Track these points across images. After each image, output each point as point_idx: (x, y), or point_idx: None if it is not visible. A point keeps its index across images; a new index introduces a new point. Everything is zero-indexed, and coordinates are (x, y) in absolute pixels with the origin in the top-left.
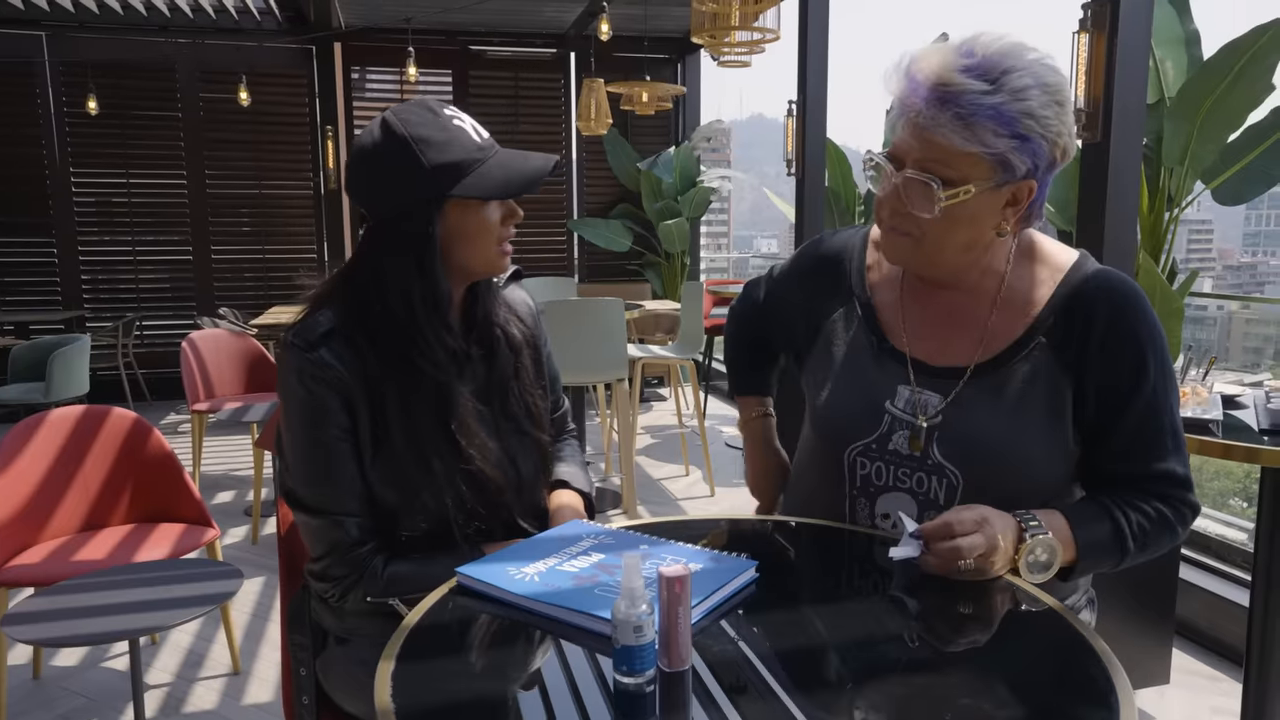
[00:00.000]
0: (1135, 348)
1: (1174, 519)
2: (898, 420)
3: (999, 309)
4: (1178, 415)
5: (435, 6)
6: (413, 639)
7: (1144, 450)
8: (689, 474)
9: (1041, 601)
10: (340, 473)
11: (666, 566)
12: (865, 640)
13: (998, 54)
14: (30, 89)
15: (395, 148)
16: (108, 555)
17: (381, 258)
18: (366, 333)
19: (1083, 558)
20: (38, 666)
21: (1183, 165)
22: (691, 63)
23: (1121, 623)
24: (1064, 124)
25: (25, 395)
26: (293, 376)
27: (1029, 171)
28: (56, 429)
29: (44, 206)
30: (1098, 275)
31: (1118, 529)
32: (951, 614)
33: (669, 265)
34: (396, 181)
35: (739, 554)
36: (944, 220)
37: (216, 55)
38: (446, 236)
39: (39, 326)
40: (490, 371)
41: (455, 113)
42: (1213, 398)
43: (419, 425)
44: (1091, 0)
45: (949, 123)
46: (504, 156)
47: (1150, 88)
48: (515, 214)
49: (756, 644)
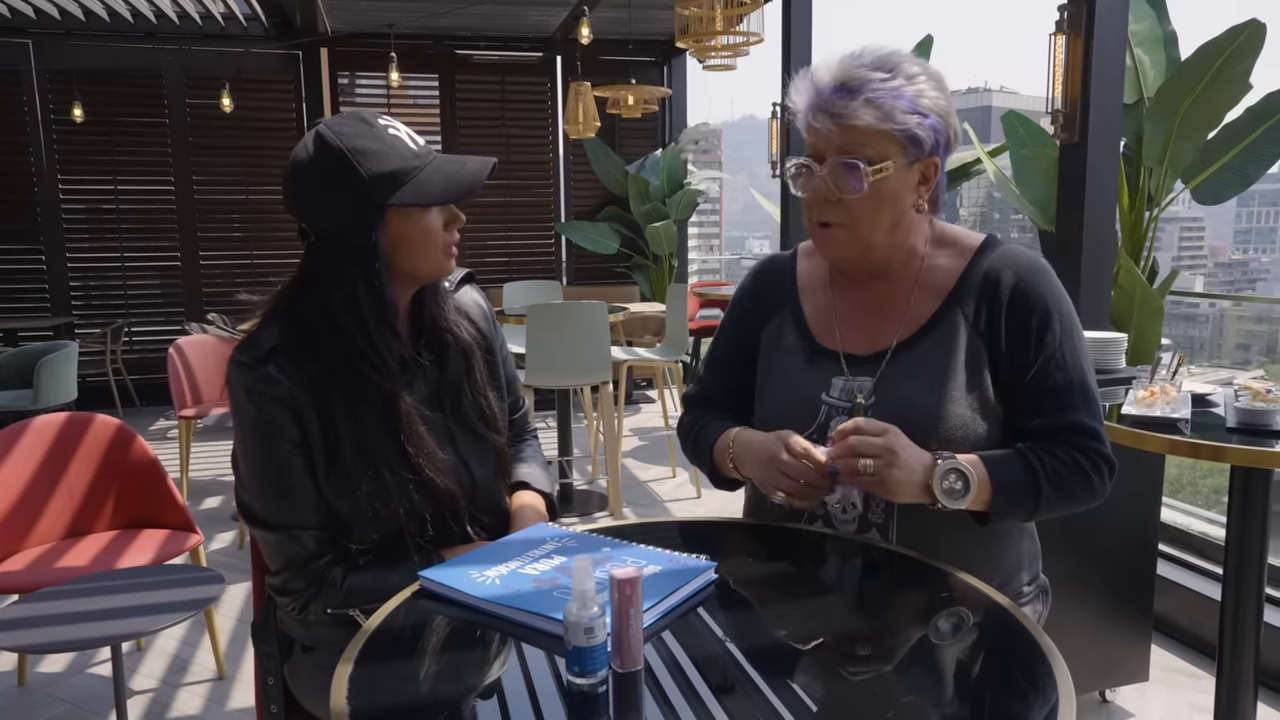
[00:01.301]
0: (1041, 309)
1: (1088, 467)
2: (834, 408)
3: (918, 291)
4: (1088, 374)
5: (421, 11)
6: (373, 642)
7: (1053, 404)
8: (675, 476)
9: (989, 597)
10: (294, 486)
11: (618, 569)
12: (815, 639)
13: (885, 54)
14: (17, 96)
15: (332, 160)
16: (91, 562)
17: (325, 272)
18: (313, 347)
19: (998, 492)
20: (23, 673)
21: (1162, 165)
22: (678, 65)
23: (1099, 619)
24: (951, 107)
25: (12, 402)
26: (242, 393)
27: (934, 147)
28: (40, 436)
29: (31, 213)
30: (1005, 250)
31: (1030, 467)
32: (902, 611)
33: (657, 267)
34: (336, 194)
35: (699, 556)
36: (871, 200)
37: (203, 61)
38: (390, 245)
39: (27, 334)
40: (441, 376)
41: (390, 122)
42: (1182, 396)
43: (367, 436)
44: (1068, 2)
45: (862, 106)
46: (441, 162)
47: (1130, 88)
48: (458, 218)
49: (711, 645)
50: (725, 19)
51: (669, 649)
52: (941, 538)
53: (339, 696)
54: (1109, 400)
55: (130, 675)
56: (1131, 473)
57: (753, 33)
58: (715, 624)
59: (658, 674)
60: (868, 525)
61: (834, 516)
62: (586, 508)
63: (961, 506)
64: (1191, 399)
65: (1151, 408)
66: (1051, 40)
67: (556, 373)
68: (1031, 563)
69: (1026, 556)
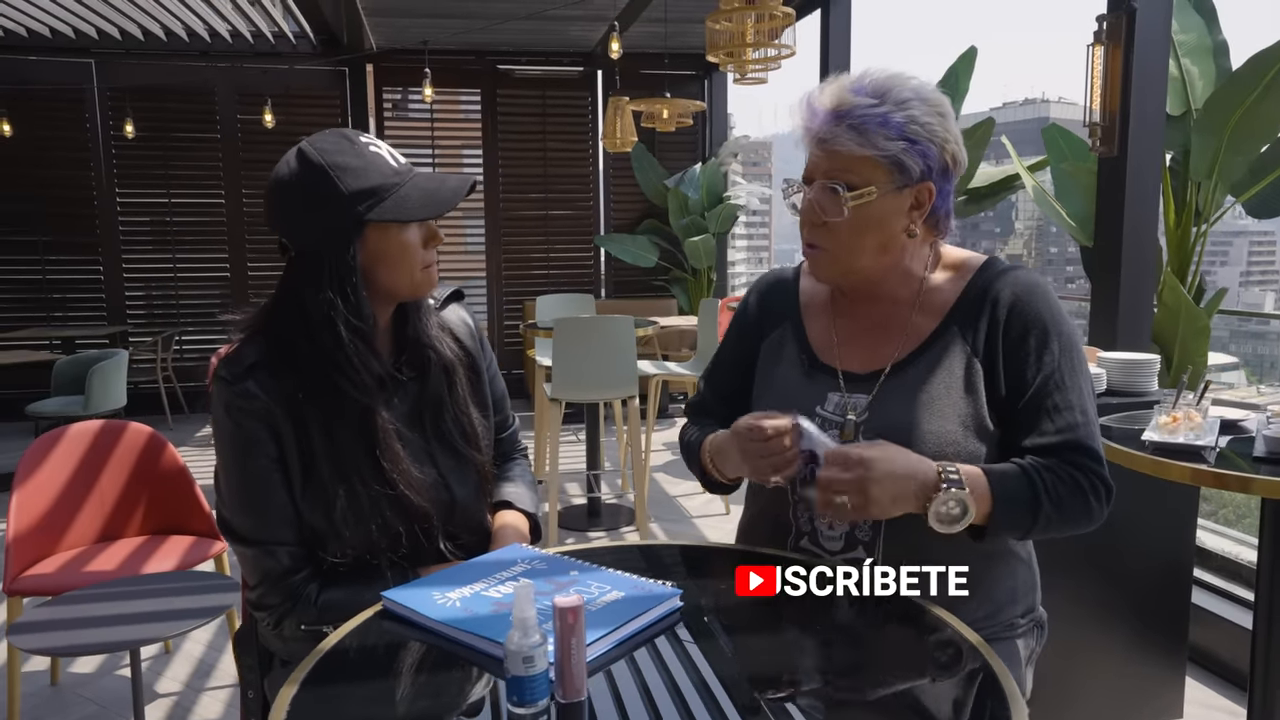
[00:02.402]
0: (1039, 328)
1: (1086, 486)
2: (827, 422)
3: (918, 311)
4: (1088, 396)
5: (463, 28)
6: (323, 664)
7: (1053, 423)
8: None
9: (962, 636)
10: (270, 502)
11: (562, 597)
12: (776, 676)
13: (883, 79)
14: (79, 114)
15: (313, 176)
16: (118, 566)
17: (304, 287)
18: (292, 362)
19: (998, 510)
20: (55, 673)
21: (1211, 178)
22: (718, 78)
23: (1129, 651)
24: (949, 132)
25: (65, 408)
26: (221, 409)
27: (924, 173)
28: (76, 443)
29: (91, 225)
30: (1005, 271)
31: (1031, 484)
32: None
33: (696, 281)
34: (315, 209)
35: (666, 583)
36: (854, 224)
37: (254, 78)
38: (368, 261)
39: (84, 341)
40: (422, 393)
41: (371, 139)
42: (1209, 422)
43: (343, 451)
44: (1106, 13)
45: (845, 133)
46: (421, 179)
47: (1177, 99)
48: (436, 236)
49: (665, 676)
50: (757, 33)
51: (617, 680)
52: (931, 560)
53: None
54: (1138, 424)
55: (155, 679)
56: (1162, 496)
57: (784, 45)
58: (674, 655)
59: (600, 707)
60: (855, 543)
61: (820, 533)
62: (615, 522)
63: (953, 531)
64: (1221, 425)
65: (1174, 434)
66: (1090, 51)
67: (583, 386)
68: (1027, 594)
69: (1022, 587)
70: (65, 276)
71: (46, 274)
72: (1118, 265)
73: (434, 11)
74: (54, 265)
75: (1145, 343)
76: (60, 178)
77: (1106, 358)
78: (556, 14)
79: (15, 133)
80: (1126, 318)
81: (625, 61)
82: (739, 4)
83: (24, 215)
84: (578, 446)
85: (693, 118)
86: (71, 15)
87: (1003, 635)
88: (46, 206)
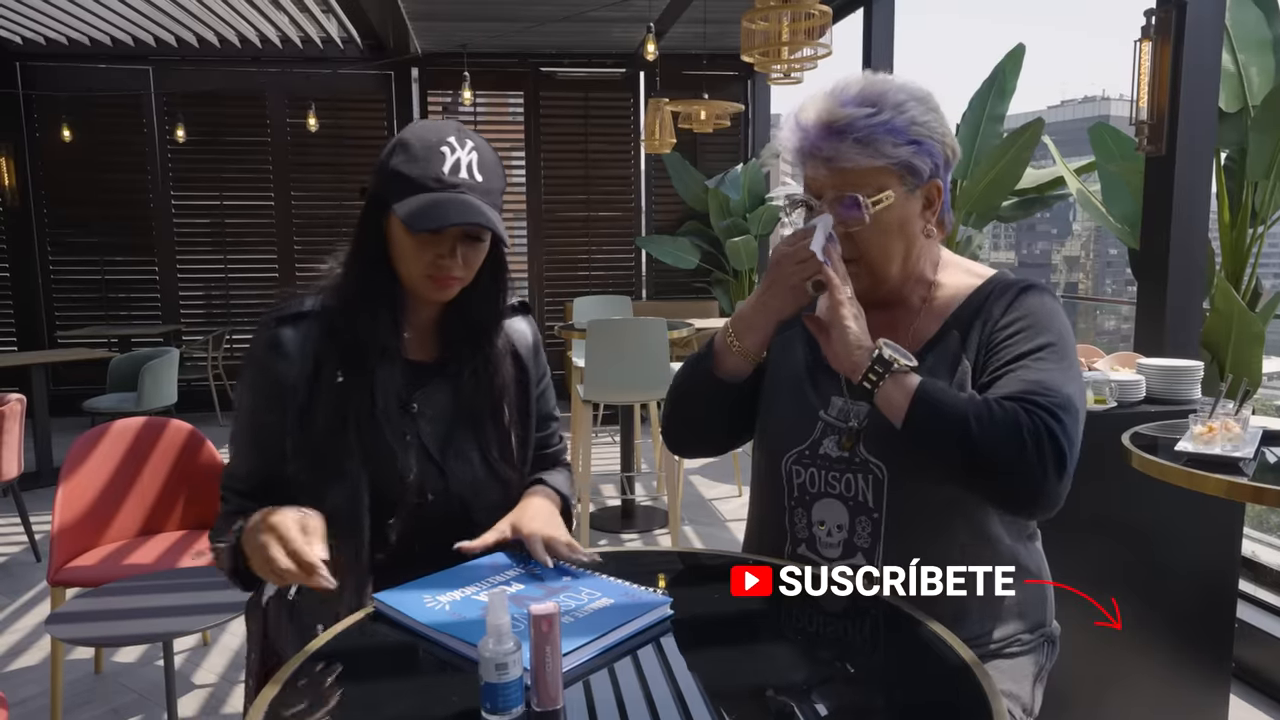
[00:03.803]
0: (1028, 323)
1: (1026, 426)
2: (829, 426)
3: (922, 316)
4: (1066, 388)
5: (506, 30)
6: (310, 664)
7: (1017, 383)
8: (741, 494)
9: (955, 653)
10: (270, 453)
11: (537, 604)
12: (761, 689)
13: (868, 86)
14: (137, 119)
15: (392, 141)
16: (156, 560)
17: (356, 227)
18: (332, 321)
19: (921, 394)
20: (99, 662)
21: (1269, 179)
22: (760, 79)
23: (1170, 668)
24: (944, 126)
25: (119, 405)
26: (256, 345)
27: (933, 171)
28: (119, 439)
29: (148, 228)
30: (1010, 281)
31: (969, 400)
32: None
33: (737, 283)
34: (377, 170)
35: (657, 590)
36: (878, 231)
37: (302, 82)
38: (390, 240)
39: (139, 340)
40: (466, 389)
41: (457, 144)
42: (1250, 434)
43: (350, 416)
44: (1155, 7)
45: (850, 148)
46: (452, 198)
47: (1232, 95)
48: (445, 256)
49: (643, 687)
50: (793, 32)
51: (594, 690)
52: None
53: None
54: (1176, 434)
55: (194, 669)
56: (1202, 507)
57: (821, 44)
58: (656, 664)
59: (574, 716)
60: (853, 549)
61: (818, 540)
62: (649, 524)
63: (878, 380)
64: (1263, 435)
65: (1210, 445)
66: (1137, 47)
67: (615, 388)
68: (1036, 608)
69: (1030, 602)
70: (123, 277)
71: (105, 275)
72: (1165, 268)
73: (477, 15)
74: (112, 266)
75: (1194, 349)
76: (118, 181)
77: (1146, 364)
78: (598, 15)
79: (76, 138)
80: (1174, 323)
81: (666, 63)
82: (775, 3)
83: (85, 218)
84: (614, 448)
85: (732, 119)
86: (131, 25)
87: (1007, 652)
88: (105, 209)
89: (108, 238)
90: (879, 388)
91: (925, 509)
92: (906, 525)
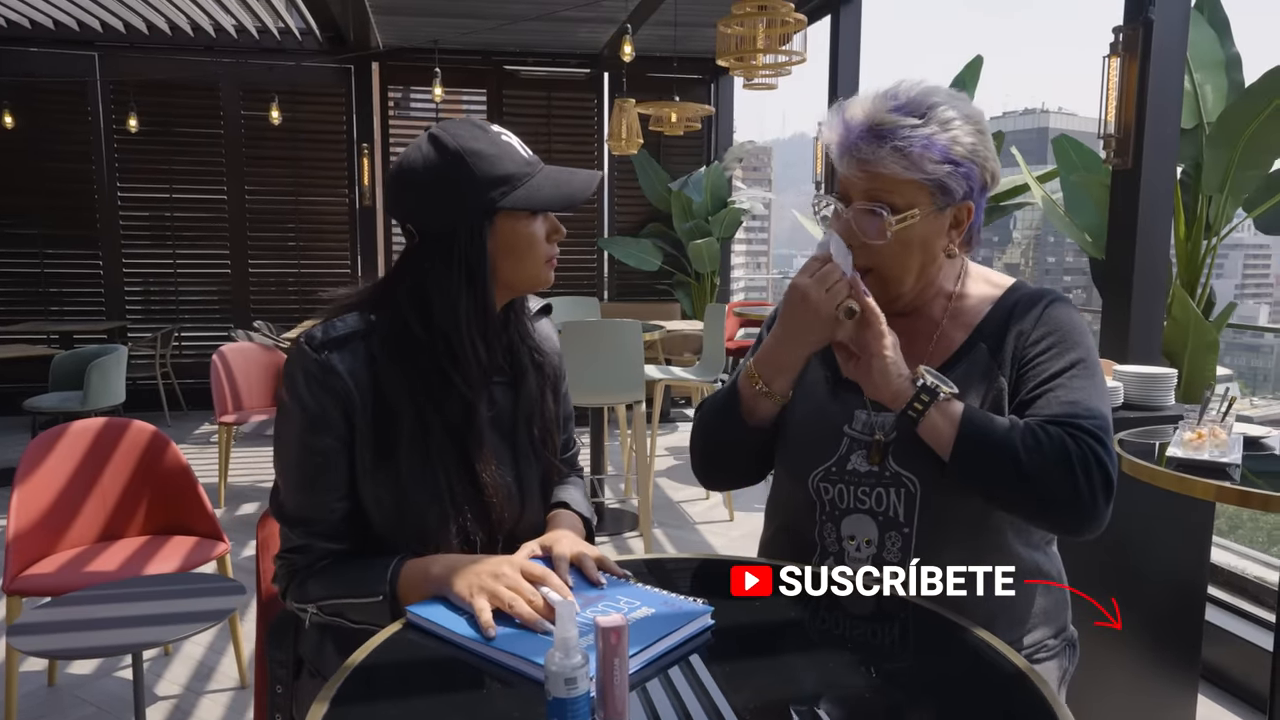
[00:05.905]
0: (1059, 338)
1: (1075, 454)
2: (855, 441)
3: (945, 328)
4: (1102, 403)
5: (470, 27)
6: (353, 680)
7: (1057, 404)
8: (709, 497)
9: (1006, 659)
10: (328, 482)
11: (604, 616)
12: (813, 697)
13: (920, 94)
14: (81, 107)
15: (448, 161)
16: (119, 567)
17: (431, 269)
18: (399, 346)
19: (965, 430)
20: (52, 674)
21: (1222, 193)
22: (725, 83)
23: (1140, 669)
24: (989, 150)
25: (63, 404)
26: (298, 375)
27: (966, 194)
28: (77, 440)
29: (91, 220)
30: (1034, 291)
31: (1013, 426)
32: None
33: (699, 285)
34: (448, 194)
35: (697, 599)
36: (897, 246)
37: (258, 74)
38: (495, 250)
39: (82, 336)
40: (516, 398)
41: (501, 129)
42: (1233, 439)
43: (433, 442)
44: (1123, 24)
45: (889, 154)
46: (551, 171)
47: (1189, 113)
48: (559, 230)
49: (701, 696)
50: (768, 38)
51: (654, 701)
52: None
53: None
54: (1157, 439)
55: (155, 681)
56: (1177, 513)
57: (795, 52)
58: (707, 674)
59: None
60: (881, 563)
61: (846, 554)
62: (618, 526)
63: (924, 411)
64: (1244, 442)
65: (1199, 450)
66: (1106, 63)
67: (590, 390)
68: (1059, 613)
69: (1053, 606)
70: (64, 270)
71: (45, 267)
72: (1130, 278)
73: (442, 11)
74: (52, 258)
75: (1156, 357)
76: (61, 170)
77: (1124, 371)
78: (566, 15)
79: (17, 124)
80: (1138, 331)
81: (632, 64)
82: (751, 9)
83: (23, 207)
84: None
85: (700, 122)
86: (75, 7)
87: (1037, 658)
88: (46, 199)
89: (48, 229)
90: (924, 417)
91: (956, 522)
92: (936, 538)
